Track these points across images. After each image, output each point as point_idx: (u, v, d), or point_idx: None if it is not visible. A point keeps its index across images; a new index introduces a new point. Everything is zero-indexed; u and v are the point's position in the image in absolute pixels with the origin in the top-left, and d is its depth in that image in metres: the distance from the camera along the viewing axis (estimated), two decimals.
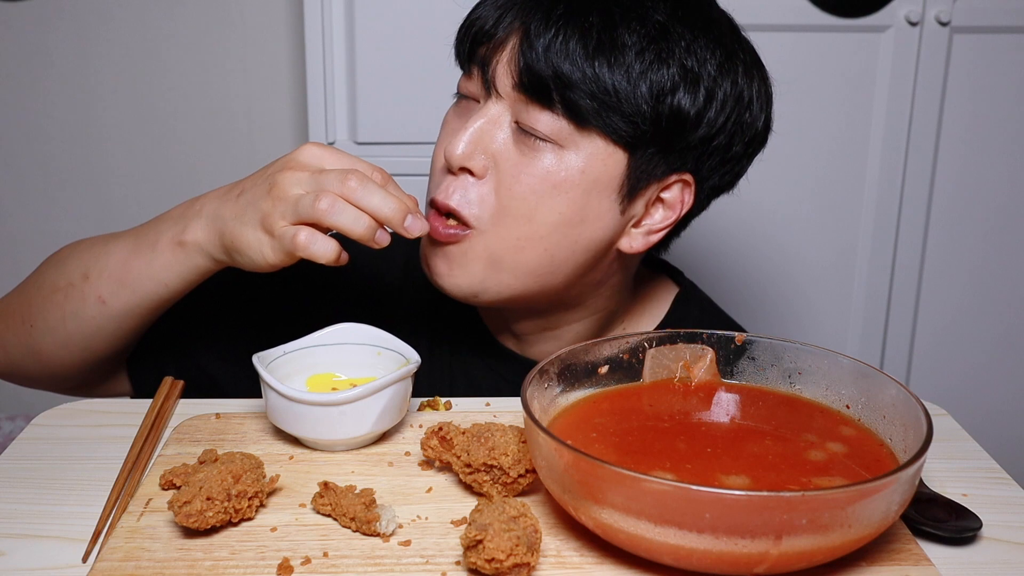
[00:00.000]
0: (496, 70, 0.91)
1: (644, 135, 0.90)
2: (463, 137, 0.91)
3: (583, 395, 0.79)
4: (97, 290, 0.94)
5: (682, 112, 0.90)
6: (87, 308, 0.95)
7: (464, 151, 0.91)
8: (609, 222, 0.94)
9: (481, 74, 0.93)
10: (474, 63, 0.93)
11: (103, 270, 0.94)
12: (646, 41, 0.88)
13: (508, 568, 0.62)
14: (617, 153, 0.91)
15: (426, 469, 0.79)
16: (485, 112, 0.92)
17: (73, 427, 0.87)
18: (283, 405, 0.79)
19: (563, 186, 0.91)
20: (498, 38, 0.91)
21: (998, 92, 1.76)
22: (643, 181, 0.93)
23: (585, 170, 0.90)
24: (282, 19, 1.96)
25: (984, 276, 1.87)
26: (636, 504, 0.61)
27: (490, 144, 0.92)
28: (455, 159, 0.91)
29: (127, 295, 0.93)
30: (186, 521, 0.67)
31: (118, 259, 0.94)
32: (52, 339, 0.97)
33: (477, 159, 0.91)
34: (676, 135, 0.91)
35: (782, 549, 0.60)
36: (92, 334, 0.96)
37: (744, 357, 0.82)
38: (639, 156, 0.91)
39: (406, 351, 0.85)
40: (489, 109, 0.92)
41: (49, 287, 0.97)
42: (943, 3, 1.69)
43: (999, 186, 1.82)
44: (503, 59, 0.91)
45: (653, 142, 0.91)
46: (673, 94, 0.89)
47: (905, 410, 0.71)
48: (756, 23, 1.72)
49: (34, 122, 1.99)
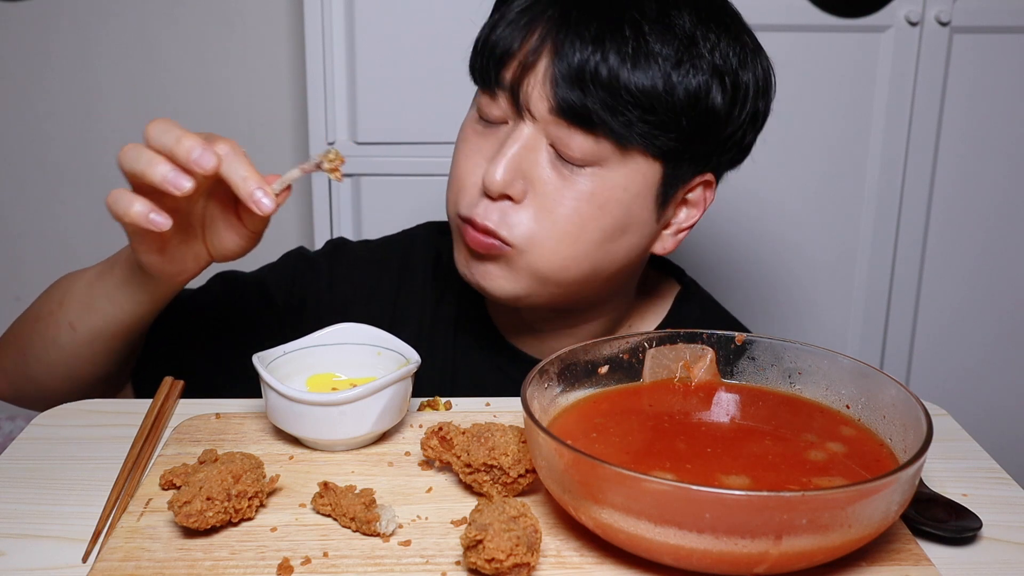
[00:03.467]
0: (529, 94, 0.89)
1: (681, 143, 0.90)
2: (501, 164, 0.89)
3: (583, 395, 0.79)
4: (68, 316, 0.93)
5: (715, 113, 0.90)
6: (61, 335, 0.94)
7: (503, 179, 0.89)
8: (647, 229, 0.95)
9: (511, 98, 0.90)
10: (500, 87, 0.91)
11: (73, 296, 0.94)
12: (679, 49, 0.88)
13: (508, 568, 0.62)
14: (654, 164, 0.91)
15: (426, 469, 0.79)
16: (519, 136, 0.90)
17: (73, 427, 0.87)
18: (283, 405, 0.79)
19: (607, 206, 0.91)
20: (526, 60, 0.89)
21: (998, 92, 1.76)
22: (674, 187, 0.94)
23: (627, 187, 0.91)
24: (282, 19, 1.96)
25: (984, 276, 1.87)
26: (636, 504, 0.61)
27: (528, 169, 0.90)
28: (495, 187, 0.89)
29: (91, 319, 0.92)
30: (186, 521, 0.67)
31: (85, 283, 0.93)
32: (40, 367, 0.97)
33: (516, 185, 0.90)
34: (709, 137, 0.92)
35: (782, 549, 0.60)
36: (70, 360, 0.95)
37: (744, 357, 0.82)
38: (673, 164, 0.92)
39: (406, 351, 0.85)
40: (523, 132, 0.90)
41: (34, 316, 0.98)
42: (943, 3, 1.69)
43: (999, 186, 1.82)
44: (535, 82, 0.88)
45: (687, 148, 0.91)
46: (707, 96, 0.89)
47: (905, 410, 0.71)
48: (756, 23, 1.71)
49: (34, 122, 1.99)
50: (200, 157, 0.76)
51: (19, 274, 2.07)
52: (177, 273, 0.88)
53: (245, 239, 0.87)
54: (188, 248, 0.87)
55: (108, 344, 0.94)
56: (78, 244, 2.04)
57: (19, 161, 2.01)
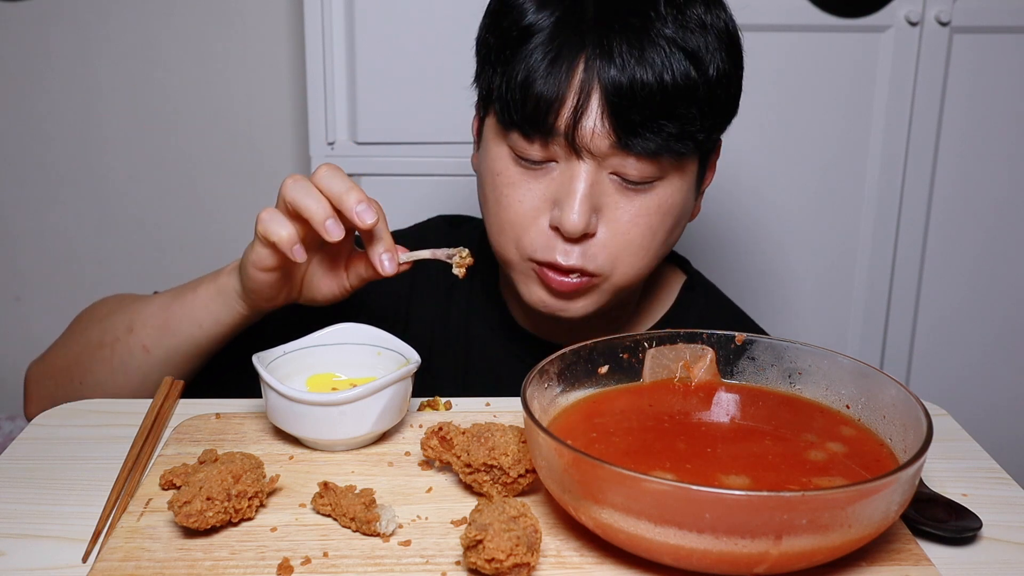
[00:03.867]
0: (586, 136, 0.89)
1: (714, 127, 0.94)
2: (577, 209, 0.90)
3: (583, 395, 0.79)
4: (141, 340, 0.97)
5: (733, 83, 0.94)
6: (133, 359, 0.97)
7: (582, 221, 0.90)
8: (691, 209, 1.01)
9: (567, 143, 0.90)
10: (553, 135, 0.90)
11: (147, 320, 0.97)
12: (701, 38, 0.89)
13: (508, 568, 0.62)
14: (695, 156, 0.95)
15: (426, 469, 0.79)
16: (581, 174, 0.90)
17: (73, 427, 0.87)
18: (283, 405, 0.79)
19: (671, 211, 0.95)
20: (579, 104, 0.88)
21: (998, 92, 1.76)
22: (706, 164, 1.00)
23: (682, 187, 0.95)
24: (282, 19, 1.96)
25: (984, 276, 1.87)
26: (636, 504, 0.61)
27: (596, 202, 0.92)
28: (577, 231, 0.91)
29: (168, 339, 0.96)
30: (186, 521, 0.67)
31: (160, 306, 0.98)
32: (102, 390, 0.99)
33: (591, 222, 0.92)
34: (730, 108, 0.96)
35: (782, 549, 0.60)
36: (139, 384, 0.98)
37: (744, 357, 0.82)
38: (707, 146, 0.96)
39: (406, 351, 0.85)
40: (582, 170, 0.91)
41: (96, 343, 1.00)
42: (943, 3, 1.69)
43: (999, 186, 1.82)
44: (591, 123, 0.88)
45: (717, 129, 0.95)
46: (730, 73, 0.93)
47: (905, 410, 0.71)
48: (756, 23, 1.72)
49: (34, 122, 1.99)
50: (364, 212, 0.83)
51: (19, 274, 2.07)
52: (268, 300, 0.93)
53: (340, 291, 0.93)
54: (290, 282, 0.93)
55: (185, 362, 0.98)
56: (78, 244, 2.04)
57: (19, 161, 2.01)
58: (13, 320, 2.07)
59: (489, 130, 0.97)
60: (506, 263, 0.99)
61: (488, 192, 0.97)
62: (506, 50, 0.92)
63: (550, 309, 0.98)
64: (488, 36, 0.96)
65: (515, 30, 0.91)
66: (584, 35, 0.89)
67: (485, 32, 0.97)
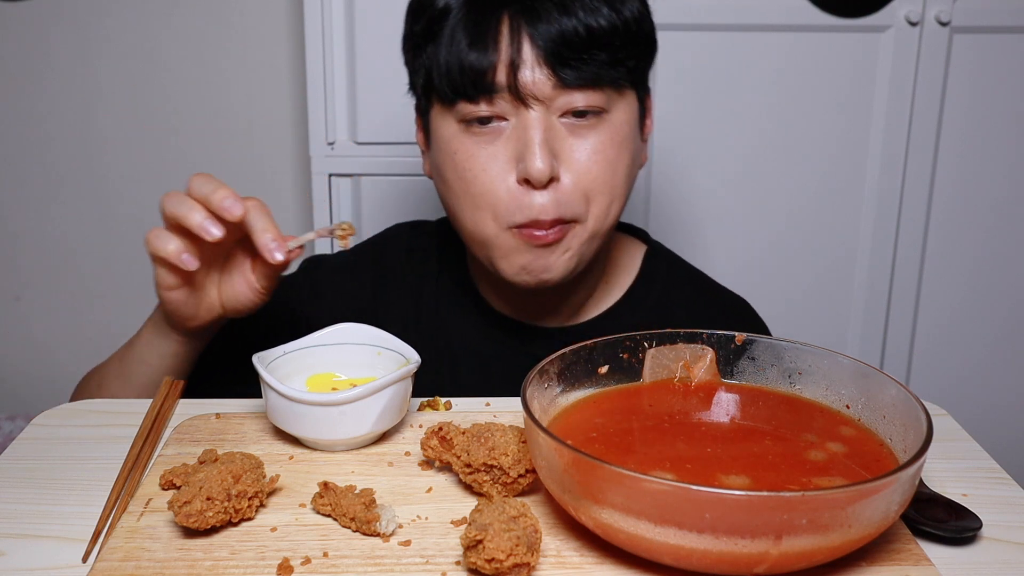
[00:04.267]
0: (529, 85, 0.93)
1: (641, 64, 0.99)
2: (538, 154, 0.93)
3: (583, 395, 0.79)
4: (110, 392, 1.01)
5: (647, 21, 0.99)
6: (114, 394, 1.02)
7: (546, 165, 0.93)
8: (639, 148, 1.04)
9: (512, 96, 0.94)
10: (495, 92, 0.94)
11: (108, 372, 1.03)
12: None
13: (508, 568, 0.62)
14: (632, 92, 1.00)
15: (426, 469, 0.79)
16: (534, 122, 0.94)
17: (73, 427, 0.87)
18: (283, 405, 0.79)
19: (624, 143, 0.98)
20: (513, 59, 0.93)
21: (998, 92, 1.76)
22: (643, 104, 1.04)
23: (627, 120, 0.99)
24: (282, 19, 1.96)
25: (984, 276, 1.87)
26: (636, 504, 0.61)
27: (554, 146, 0.95)
28: (544, 175, 0.94)
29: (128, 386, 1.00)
30: (186, 521, 0.67)
31: (117, 358, 1.04)
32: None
33: (554, 165, 0.95)
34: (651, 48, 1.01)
35: (782, 549, 0.60)
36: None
37: (744, 357, 0.82)
38: (640, 85, 1.02)
39: (406, 351, 0.85)
40: (533, 118, 0.94)
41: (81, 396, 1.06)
42: (943, 3, 1.69)
43: (999, 186, 1.82)
44: (530, 72, 0.93)
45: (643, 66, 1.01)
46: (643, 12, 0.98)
47: (905, 410, 0.71)
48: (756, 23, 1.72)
49: (34, 122, 1.99)
50: (231, 206, 0.85)
51: (19, 274, 2.07)
52: (190, 319, 0.95)
53: (255, 294, 0.95)
54: (204, 295, 0.94)
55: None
56: (78, 244, 2.04)
57: (19, 161, 2.01)
58: (13, 320, 2.07)
59: (436, 119, 1.00)
60: (485, 242, 1.00)
61: (451, 177, 0.99)
62: (432, 33, 0.96)
63: (534, 274, 1.00)
64: (411, 31, 1.01)
65: (434, 11, 0.96)
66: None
67: (409, 30, 1.02)
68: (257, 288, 0.94)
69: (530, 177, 0.94)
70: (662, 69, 1.73)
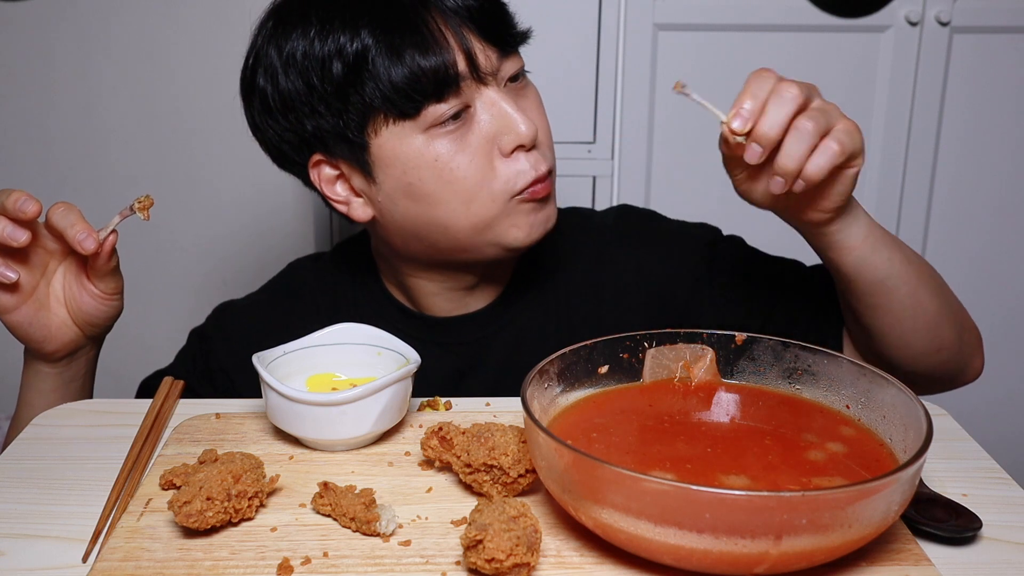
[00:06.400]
0: (484, 64, 0.96)
1: None
2: (519, 117, 0.97)
3: (583, 395, 0.79)
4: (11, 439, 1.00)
5: None
6: None
7: (531, 124, 0.97)
8: None
9: (474, 78, 0.96)
10: (460, 81, 0.95)
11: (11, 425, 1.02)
12: None
13: (508, 568, 0.62)
14: None
15: (426, 469, 0.79)
16: (499, 95, 0.97)
17: (73, 427, 0.87)
18: (283, 405, 0.79)
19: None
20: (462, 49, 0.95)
21: (998, 92, 1.76)
22: None
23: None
24: None
25: (984, 276, 1.87)
26: (636, 504, 0.61)
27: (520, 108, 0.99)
28: (535, 134, 0.98)
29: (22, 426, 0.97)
30: (186, 521, 0.67)
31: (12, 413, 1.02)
32: None
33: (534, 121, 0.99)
34: None
35: (782, 549, 0.60)
36: None
37: (744, 357, 0.82)
38: None
39: (406, 351, 0.85)
40: (492, 94, 0.98)
41: None
42: (943, 3, 1.69)
43: (999, 185, 1.82)
44: (479, 53, 0.96)
45: None
46: None
47: (905, 410, 0.71)
48: (756, 23, 1.72)
49: (35, 122, 1.99)
50: (24, 204, 0.87)
51: None
52: (43, 340, 0.94)
53: (98, 299, 0.95)
54: (49, 313, 0.95)
55: None
56: None
57: (19, 161, 2.01)
58: None
59: (391, 143, 0.96)
60: (487, 224, 0.99)
61: (434, 186, 0.97)
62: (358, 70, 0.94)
63: (545, 225, 1.02)
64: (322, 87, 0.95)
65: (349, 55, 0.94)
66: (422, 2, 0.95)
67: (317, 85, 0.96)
68: (98, 293, 0.95)
69: (524, 142, 0.97)
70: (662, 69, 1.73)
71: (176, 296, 1.94)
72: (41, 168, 2.02)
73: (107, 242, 0.91)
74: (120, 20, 1.94)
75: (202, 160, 2.00)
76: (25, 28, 1.93)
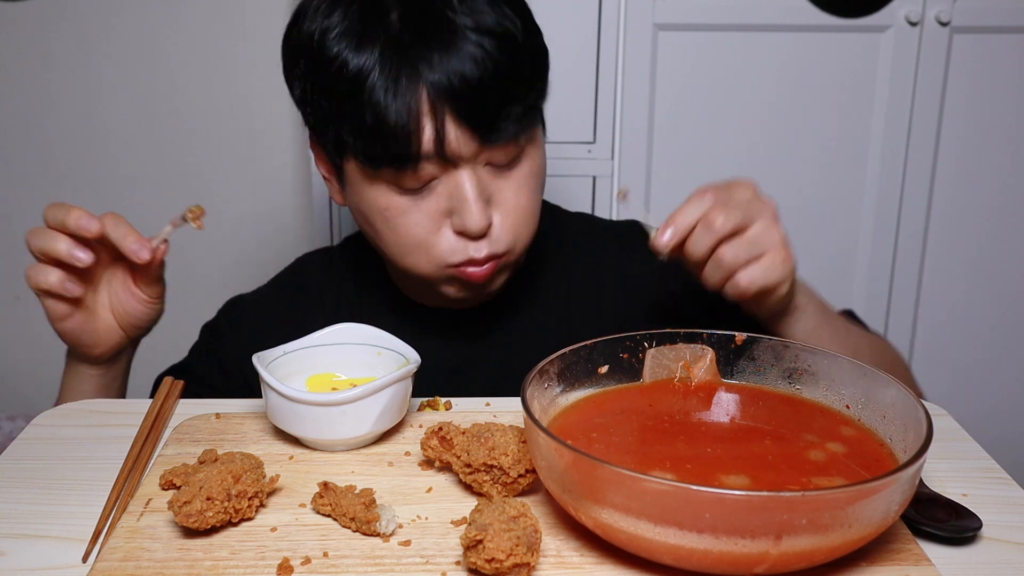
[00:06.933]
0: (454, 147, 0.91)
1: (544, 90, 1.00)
2: (475, 211, 0.93)
3: (583, 395, 0.79)
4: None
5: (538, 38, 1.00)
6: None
7: (484, 220, 0.94)
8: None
9: (440, 162, 0.92)
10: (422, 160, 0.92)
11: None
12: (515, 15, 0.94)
13: (508, 568, 0.62)
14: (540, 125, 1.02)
15: (426, 469, 0.79)
16: (466, 180, 0.93)
17: (73, 427, 0.87)
18: (283, 405, 0.79)
19: (541, 172, 1.01)
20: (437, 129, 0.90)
21: (998, 92, 1.76)
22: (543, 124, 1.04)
23: (540, 149, 1.01)
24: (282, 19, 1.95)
25: (984, 275, 1.87)
26: (636, 504, 0.61)
27: (485, 195, 0.95)
28: (483, 229, 0.95)
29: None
30: (186, 521, 0.67)
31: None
32: None
33: (489, 215, 0.96)
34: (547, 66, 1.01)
35: (782, 549, 0.60)
36: None
37: (744, 357, 0.82)
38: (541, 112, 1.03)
39: (406, 351, 0.85)
40: (463, 176, 0.94)
41: None
42: (943, 3, 1.69)
43: (999, 186, 1.82)
44: (451, 134, 0.91)
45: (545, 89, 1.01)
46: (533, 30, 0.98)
47: (905, 410, 0.71)
48: (756, 23, 1.72)
49: (35, 122, 1.99)
50: (87, 223, 0.90)
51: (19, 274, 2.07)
52: (92, 345, 0.98)
53: (144, 304, 0.99)
54: (98, 318, 0.98)
55: None
56: None
57: (19, 161, 2.01)
58: (13, 320, 2.07)
59: (354, 174, 0.96)
60: (420, 277, 1.00)
61: (380, 226, 0.98)
62: (343, 104, 0.92)
63: (474, 296, 1.03)
64: (315, 97, 0.95)
65: (344, 83, 0.91)
66: (412, 61, 0.90)
67: (310, 94, 0.96)
68: (144, 297, 0.98)
69: (468, 232, 0.95)
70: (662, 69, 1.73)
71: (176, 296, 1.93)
72: (41, 168, 2.02)
73: (159, 251, 0.94)
74: (120, 20, 1.94)
75: (202, 160, 2.00)
76: (25, 28, 1.93)
